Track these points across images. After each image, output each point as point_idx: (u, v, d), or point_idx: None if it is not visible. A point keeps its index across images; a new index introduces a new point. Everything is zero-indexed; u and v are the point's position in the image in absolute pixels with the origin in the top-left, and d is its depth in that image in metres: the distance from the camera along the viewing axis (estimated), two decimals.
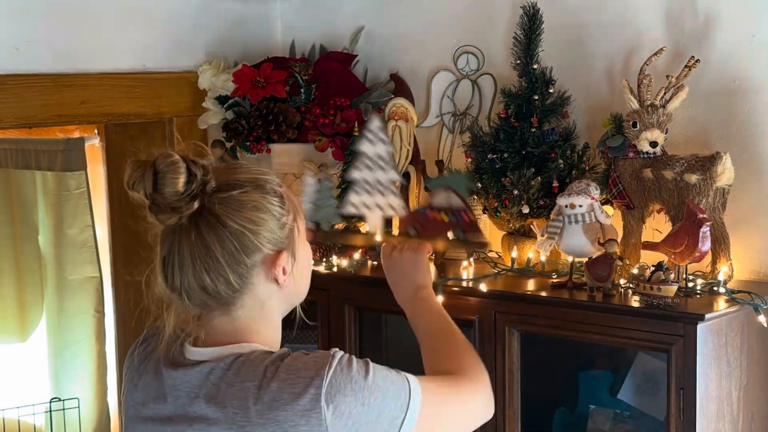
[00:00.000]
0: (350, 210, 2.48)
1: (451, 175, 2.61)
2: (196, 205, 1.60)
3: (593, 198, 2.42)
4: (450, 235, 2.34)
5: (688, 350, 2.19)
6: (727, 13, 2.54)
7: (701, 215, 2.29)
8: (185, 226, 1.62)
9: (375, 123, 2.50)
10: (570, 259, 2.49)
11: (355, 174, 2.56)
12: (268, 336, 1.72)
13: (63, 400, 3.80)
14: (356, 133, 2.92)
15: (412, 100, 3.03)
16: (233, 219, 1.62)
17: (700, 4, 2.56)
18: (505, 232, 2.72)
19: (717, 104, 2.54)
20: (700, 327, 2.18)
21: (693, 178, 2.37)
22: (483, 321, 2.50)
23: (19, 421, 3.89)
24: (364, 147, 2.54)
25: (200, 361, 1.66)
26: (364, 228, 2.60)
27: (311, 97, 3.07)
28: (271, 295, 1.69)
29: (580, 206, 2.42)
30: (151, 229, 1.66)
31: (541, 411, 2.72)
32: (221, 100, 3.16)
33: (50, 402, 3.81)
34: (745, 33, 2.51)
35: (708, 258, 2.40)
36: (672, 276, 2.26)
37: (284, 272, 1.67)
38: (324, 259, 2.83)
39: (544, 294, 2.43)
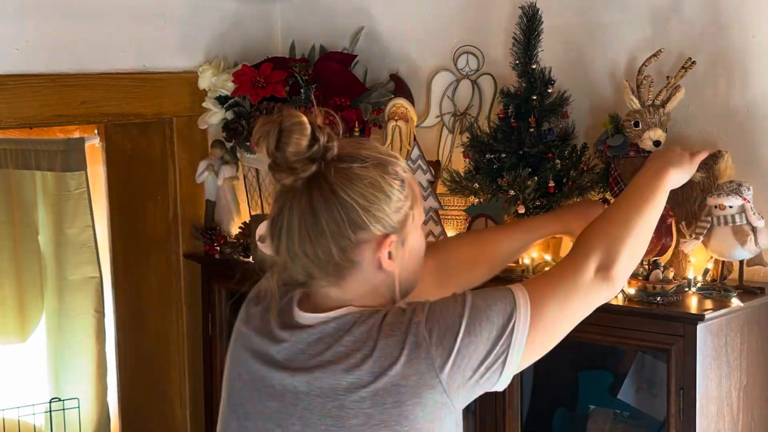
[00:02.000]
0: None
1: (488, 202, 2.63)
2: (313, 168, 1.60)
3: (744, 199, 2.33)
4: None
5: (688, 350, 2.19)
6: (727, 13, 2.54)
7: (664, 211, 2.31)
8: (299, 189, 1.60)
9: (415, 152, 2.58)
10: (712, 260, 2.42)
11: None
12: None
13: (63, 400, 3.81)
14: (356, 133, 2.92)
15: (412, 100, 3.03)
16: (345, 191, 1.60)
17: (700, 4, 2.56)
18: None
19: (716, 104, 2.54)
20: (700, 327, 2.18)
21: (698, 175, 2.38)
22: None
23: (19, 421, 3.90)
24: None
25: (308, 325, 1.64)
26: None
27: (311, 97, 3.07)
28: (377, 279, 1.65)
29: (730, 207, 2.33)
30: (274, 187, 1.65)
31: (540, 411, 2.72)
32: (221, 100, 3.16)
33: (50, 402, 3.81)
34: (745, 33, 2.52)
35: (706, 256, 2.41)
36: (671, 274, 2.26)
37: (390, 257, 1.63)
38: None
39: None
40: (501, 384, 1.62)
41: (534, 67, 2.63)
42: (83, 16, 3.03)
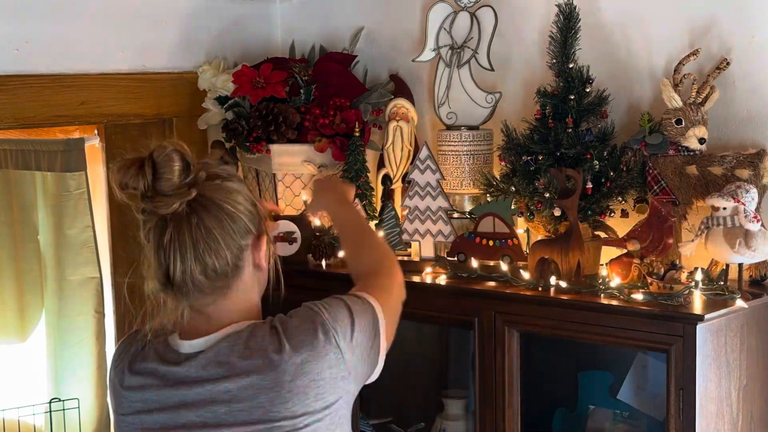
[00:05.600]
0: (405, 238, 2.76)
1: (495, 201, 2.63)
2: (194, 192, 1.75)
3: (738, 201, 2.29)
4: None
5: (688, 351, 2.19)
6: (726, 13, 2.54)
7: (666, 211, 2.34)
8: (184, 213, 1.75)
9: (424, 152, 2.67)
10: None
11: (408, 202, 2.65)
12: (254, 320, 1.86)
13: (63, 401, 3.80)
14: (356, 134, 2.92)
15: (412, 101, 3.03)
16: (227, 202, 1.78)
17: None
18: (542, 236, 2.64)
19: (717, 104, 2.53)
20: (700, 327, 2.18)
21: (745, 173, 2.38)
22: (483, 321, 2.50)
23: (19, 421, 3.89)
24: (414, 176, 2.66)
25: (199, 352, 1.78)
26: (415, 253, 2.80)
27: (311, 98, 3.07)
28: (254, 281, 1.86)
29: (724, 209, 2.31)
30: (144, 225, 1.78)
31: (540, 411, 2.72)
32: (221, 100, 3.16)
33: (50, 402, 3.80)
34: (744, 33, 2.52)
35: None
36: (684, 276, 2.28)
37: (263, 257, 1.85)
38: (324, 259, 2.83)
39: (543, 294, 2.43)
40: (377, 372, 1.90)
41: (571, 66, 2.59)
42: (83, 17, 3.03)
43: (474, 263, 2.60)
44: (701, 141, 2.45)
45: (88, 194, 3.76)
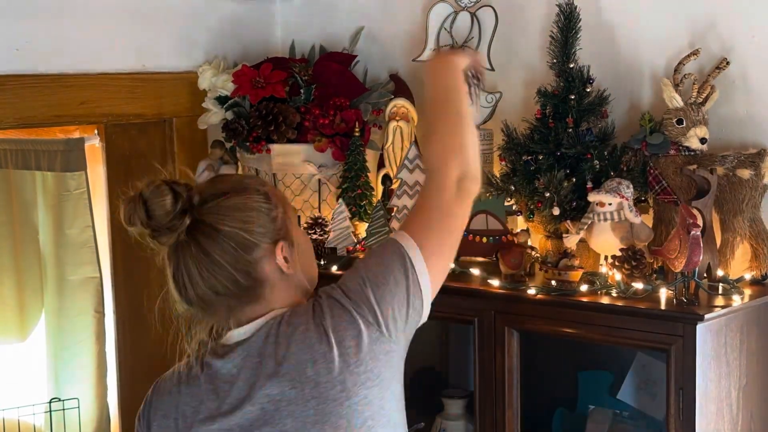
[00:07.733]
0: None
1: (488, 199, 2.63)
2: (188, 220, 1.75)
3: (623, 197, 2.41)
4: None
5: (688, 350, 2.19)
6: (726, 13, 2.54)
7: (690, 220, 2.22)
8: (184, 242, 1.76)
9: (413, 152, 2.73)
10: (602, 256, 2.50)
11: (396, 201, 2.65)
12: None
13: (63, 401, 3.81)
14: (356, 134, 2.92)
15: (412, 100, 3.03)
16: (224, 223, 1.76)
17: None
18: (542, 236, 2.66)
19: (717, 104, 2.53)
20: (700, 327, 2.18)
21: (747, 173, 2.39)
22: (482, 321, 2.50)
23: (19, 421, 3.90)
24: (403, 175, 2.65)
25: (245, 339, 1.78)
26: None
27: (311, 98, 3.07)
28: (287, 283, 1.82)
29: (609, 204, 2.42)
30: (158, 255, 1.80)
31: (540, 411, 2.72)
32: (221, 100, 3.16)
33: (50, 402, 3.81)
34: (744, 33, 2.52)
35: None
36: (576, 263, 2.41)
37: (286, 260, 1.80)
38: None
39: (543, 294, 2.43)
40: (425, 313, 1.81)
41: (572, 66, 2.59)
42: (83, 17, 3.03)
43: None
44: (702, 141, 2.45)
45: (88, 194, 3.77)
